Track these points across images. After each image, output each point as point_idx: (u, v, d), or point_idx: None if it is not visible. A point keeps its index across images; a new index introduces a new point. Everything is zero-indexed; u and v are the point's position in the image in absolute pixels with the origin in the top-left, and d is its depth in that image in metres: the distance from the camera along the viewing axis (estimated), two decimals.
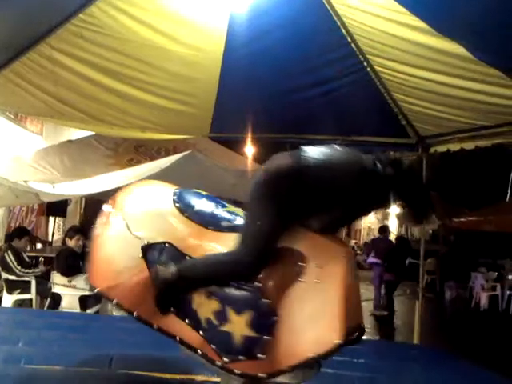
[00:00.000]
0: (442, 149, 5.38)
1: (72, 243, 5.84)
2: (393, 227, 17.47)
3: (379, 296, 9.28)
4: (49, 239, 9.95)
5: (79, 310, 5.46)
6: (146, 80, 4.87)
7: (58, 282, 5.59)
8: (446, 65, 3.77)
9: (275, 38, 4.35)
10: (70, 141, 7.88)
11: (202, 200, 2.36)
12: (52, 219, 10.27)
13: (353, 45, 4.34)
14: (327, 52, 4.53)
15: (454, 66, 3.73)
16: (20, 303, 5.94)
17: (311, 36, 4.31)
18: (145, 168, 5.74)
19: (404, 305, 8.41)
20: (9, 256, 5.91)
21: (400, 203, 2.25)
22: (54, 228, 10.28)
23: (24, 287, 5.91)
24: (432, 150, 5.54)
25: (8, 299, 5.87)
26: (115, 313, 5.63)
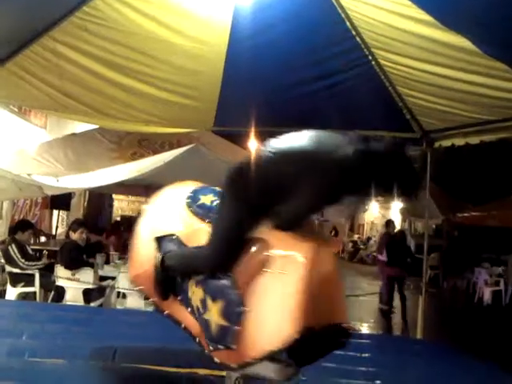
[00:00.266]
0: (447, 143, 5.35)
1: (76, 236, 5.86)
2: (396, 222, 17.41)
3: (385, 291, 9.28)
4: (52, 232, 9.97)
5: (83, 303, 5.48)
6: (150, 73, 4.86)
7: (62, 275, 5.61)
8: (451, 58, 3.75)
9: (279, 31, 4.32)
10: (74, 134, 7.89)
11: (209, 195, 2.47)
12: (56, 212, 10.30)
13: (357, 38, 4.31)
14: (331, 45, 4.51)
15: (459, 60, 3.71)
16: (24, 296, 5.96)
17: (316, 29, 4.29)
18: (148, 162, 5.74)
19: (407, 300, 8.37)
20: (12, 249, 5.92)
21: (382, 187, 2.08)
22: (58, 221, 10.31)
23: (28, 280, 5.93)
24: (436, 145, 5.51)
25: (12, 292, 5.89)
26: (119, 306, 5.67)
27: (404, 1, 3.36)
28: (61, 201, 9.22)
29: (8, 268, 5.95)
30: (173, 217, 2.46)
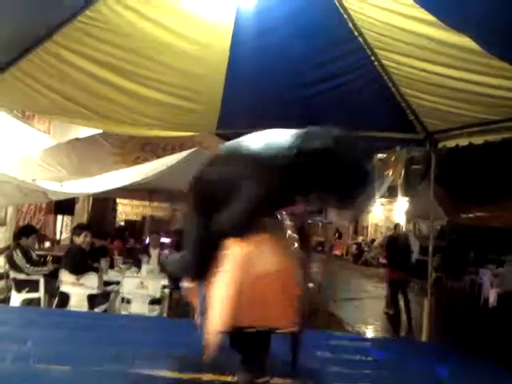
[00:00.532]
0: (451, 144, 5.31)
1: (79, 240, 5.86)
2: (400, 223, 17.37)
3: (388, 294, 9.26)
4: (57, 238, 9.99)
5: (87, 309, 5.47)
6: (153, 77, 4.86)
7: (66, 281, 5.60)
8: (454, 58, 3.73)
9: (282, 34, 4.32)
10: (77, 139, 7.90)
11: None
12: (60, 218, 10.31)
13: (360, 39, 4.30)
14: (334, 47, 4.50)
15: (463, 60, 3.69)
16: (28, 302, 5.96)
17: (318, 31, 4.28)
18: (152, 166, 5.74)
19: (412, 302, 8.35)
20: (17, 254, 5.93)
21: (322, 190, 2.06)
22: (62, 226, 10.32)
23: (32, 286, 5.93)
24: (440, 145, 5.48)
25: (16, 298, 5.89)
26: (123, 311, 5.66)
27: (406, 1, 3.36)
28: (65, 206, 9.24)
29: (12, 274, 5.96)
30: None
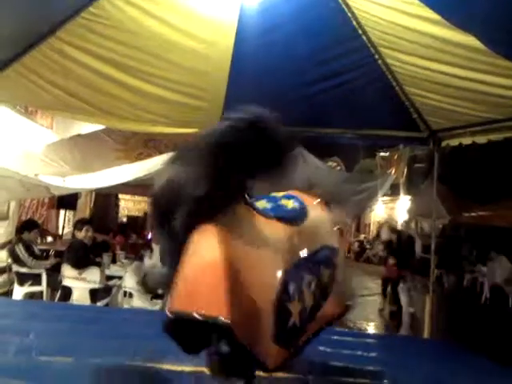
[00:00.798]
0: (454, 142, 5.31)
1: (81, 235, 5.88)
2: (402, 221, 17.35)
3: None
4: (59, 232, 10.01)
5: (89, 303, 5.50)
6: (156, 73, 4.86)
7: (69, 275, 5.63)
8: (459, 57, 3.73)
9: (286, 31, 4.33)
10: (80, 135, 7.92)
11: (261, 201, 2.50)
12: (62, 213, 10.33)
13: (364, 37, 4.31)
14: (338, 45, 4.50)
15: (467, 58, 3.69)
16: (31, 295, 5.99)
17: (322, 29, 4.28)
18: (154, 162, 5.75)
19: (414, 299, 8.36)
20: (19, 248, 5.95)
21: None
22: (65, 221, 10.35)
23: (35, 279, 5.97)
24: (444, 144, 5.48)
25: (19, 291, 5.92)
26: (125, 305, 5.68)
27: None
28: (67, 201, 9.26)
29: (15, 267, 5.99)
30: None
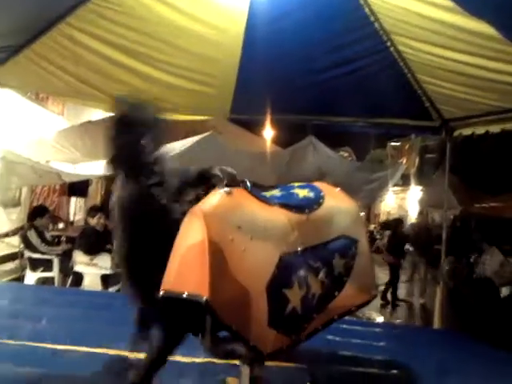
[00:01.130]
0: (467, 132, 5.24)
1: (94, 221, 5.92)
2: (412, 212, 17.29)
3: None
4: (70, 219, 10.07)
5: (101, 289, 5.55)
6: (167, 60, 4.85)
7: (80, 261, 5.68)
8: (472, 44, 3.66)
9: (297, 18, 4.27)
10: (91, 121, 7.92)
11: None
12: (73, 199, 10.38)
13: (376, 24, 4.24)
14: (350, 31, 4.44)
15: (480, 46, 3.62)
16: (43, 281, 6.05)
17: (334, 15, 4.21)
18: (164, 149, 5.74)
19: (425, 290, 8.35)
20: (31, 234, 6.01)
21: None
22: (76, 208, 10.40)
23: (47, 265, 6.02)
24: (456, 133, 5.42)
25: (31, 277, 5.99)
26: None
27: None
28: (78, 188, 9.28)
29: (27, 253, 6.05)
30: None
